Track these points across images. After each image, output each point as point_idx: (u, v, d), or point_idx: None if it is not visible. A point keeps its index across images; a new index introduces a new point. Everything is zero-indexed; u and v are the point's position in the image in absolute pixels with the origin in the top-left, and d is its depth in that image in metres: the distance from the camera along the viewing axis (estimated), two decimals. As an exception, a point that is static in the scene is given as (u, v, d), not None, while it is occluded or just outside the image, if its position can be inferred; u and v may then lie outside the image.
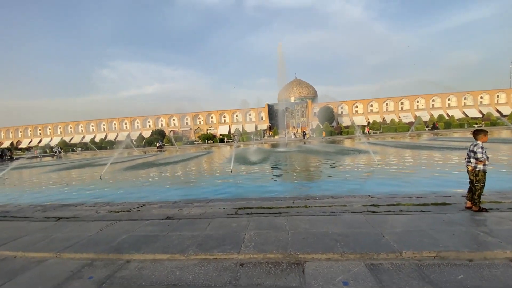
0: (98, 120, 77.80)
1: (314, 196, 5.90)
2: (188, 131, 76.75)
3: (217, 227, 3.80)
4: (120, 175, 13.76)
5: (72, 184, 11.97)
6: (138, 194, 8.73)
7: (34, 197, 9.18)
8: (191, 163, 18.76)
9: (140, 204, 6.34)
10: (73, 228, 4.16)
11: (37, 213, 5.70)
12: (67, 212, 5.72)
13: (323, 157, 16.77)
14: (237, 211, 4.80)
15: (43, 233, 3.97)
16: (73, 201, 7.94)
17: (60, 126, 77.94)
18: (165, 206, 5.94)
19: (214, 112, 77.12)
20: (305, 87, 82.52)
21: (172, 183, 10.53)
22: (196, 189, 8.82)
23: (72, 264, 2.99)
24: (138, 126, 77.64)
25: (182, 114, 77.60)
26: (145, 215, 4.98)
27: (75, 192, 9.82)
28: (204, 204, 5.84)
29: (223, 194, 7.53)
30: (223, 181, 9.94)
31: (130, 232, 3.80)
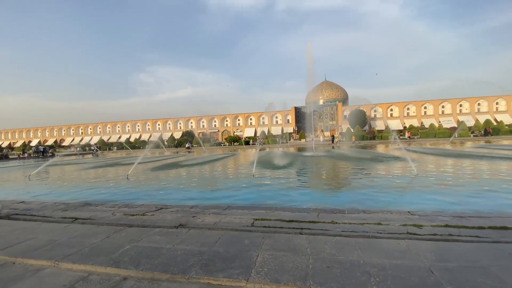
0: (133, 121, 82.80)
1: (342, 209, 5.20)
2: (216, 133, 78.34)
3: (228, 242, 3.35)
4: (147, 175, 14.06)
5: (100, 182, 12.43)
6: (159, 195, 8.67)
7: (62, 193, 9.59)
8: (216, 164, 18.72)
9: (158, 207, 6.15)
10: (82, 232, 4.00)
11: (56, 212, 5.75)
12: (86, 212, 5.69)
13: (354, 163, 15.62)
14: (253, 223, 4.32)
15: (52, 236, 3.84)
16: (97, 200, 8.09)
17: (100, 126, 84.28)
18: (181, 210, 5.66)
19: (240, 115, 77.86)
20: (335, 89, 79.74)
21: (194, 185, 10.39)
22: (216, 193, 8.52)
23: (67, 277, 2.73)
24: (170, 127, 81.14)
25: (210, 117, 79.54)
26: (158, 221, 4.71)
27: (101, 190, 10.11)
28: (220, 211, 5.46)
29: (242, 200, 7.11)
30: (245, 185, 9.53)
31: (135, 241, 3.51)
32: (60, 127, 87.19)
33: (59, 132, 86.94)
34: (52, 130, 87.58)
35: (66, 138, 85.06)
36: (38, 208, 6.46)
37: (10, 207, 6.45)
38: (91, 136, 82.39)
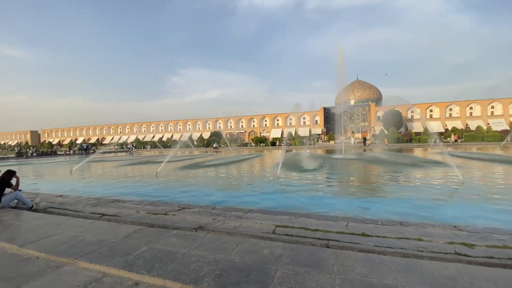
0: (166, 122, 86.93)
1: (375, 219, 4.68)
2: (243, 134, 79.06)
3: (245, 251, 3.11)
4: (174, 173, 14.45)
5: (132, 179, 13.02)
6: (184, 194, 8.75)
7: (97, 188, 10.15)
8: (241, 165, 18.68)
9: (180, 206, 6.13)
10: (105, 229, 4.04)
11: (87, 207, 6.00)
12: (113, 209, 5.85)
13: (388, 168, 14.49)
14: (275, 230, 4.04)
15: (78, 232, 3.93)
16: (126, 196, 8.39)
17: (136, 126, 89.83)
18: (203, 211, 5.57)
19: (267, 116, 77.67)
20: (367, 88, 75.94)
21: (218, 185, 10.37)
22: (239, 194, 8.35)
23: (82, 277, 2.70)
24: (199, 127, 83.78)
25: (238, 117, 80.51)
26: (178, 222, 4.64)
27: (132, 186, 10.52)
28: (242, 214, 5.25)
29: (265, 203, 6.84)
30: (268, 187, 9.24)
31: (152, 243, 3.42)
32: (102, 127, 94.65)
33: (100, 131, 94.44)
34: (94, 129, 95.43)
35: (107, 136, 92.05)
36: (73, 202, 6.83)
37: (48, 200, 6.90)
38: (128, 135, 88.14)
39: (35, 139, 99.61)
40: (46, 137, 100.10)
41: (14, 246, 3.37)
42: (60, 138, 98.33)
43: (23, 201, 5.81)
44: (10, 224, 4.34)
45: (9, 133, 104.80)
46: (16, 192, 5.81)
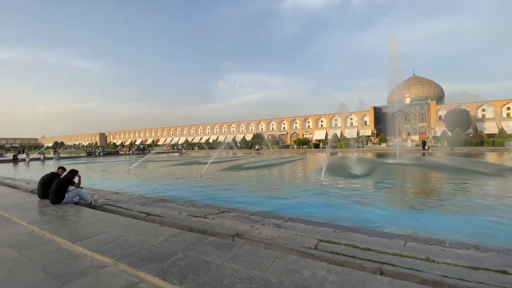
0: (211, 124, 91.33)
1: (441, 240, 3.89)
2: (285, 135, 78.32)
3: (283, 269, 2.79)
4: (217, 174, 14.82)
5: (179, 178, 13.74)
6: (225, 195, 8.80)
7: (148, 187, 10.91)
8: (283, 168, 18.30)
9: (220, 209, 6.11)
10: (147, 231, 4.15)
11: (136, 205, 6.37)
12: (159, 209, 6.09)
13: (455, 176, 12.47)
14: (317, 244, 3.62)
15: (123, 231, 4.11)
16: (172, 196, 8.79)
17: (186, 129, 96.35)
18: (242, 216, 5.42)
19: (311, 117, 75.49)
20: (426, 85, 68.15)
21: (258, 188, 10.20)
22: (279, 200, 8.03)
23: (120, 280, 2.73)
24: (242, 129, 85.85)
25: (280, 119, 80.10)
26: (216, 226, 4.55)
27: (178, 186, 11.05)
28: (281, 222, 4.94)
29: (306, 211, 6.39)
30: (311, 194, 8.71)
31: (188, 249, 3.35)
32: (156, 129, 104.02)
33: (155, 133, 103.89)
34: (150, 131, 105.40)
35: (161, 138, 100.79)
36: (126, 200, 7.37)
37: (106, 197, 7.58)
38: (179, 137, 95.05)
39: (103, 140, 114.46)
40: (112, 139, 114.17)
41: (68, 242, 3.65)
42: (123, 139, 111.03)
43: (84, 198, 6.44)
44: (69, 220, 4.79)
45: (82, 135, 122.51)
46: (78, 189, 6.49)
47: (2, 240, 3.87)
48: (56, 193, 6.03)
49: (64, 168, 6.97)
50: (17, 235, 4.08)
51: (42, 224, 4.48)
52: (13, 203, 6.18)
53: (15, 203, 6.24)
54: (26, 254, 3.31)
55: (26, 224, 4.55)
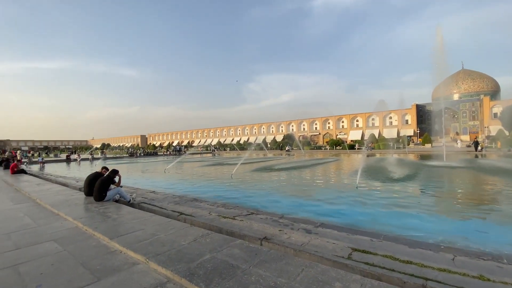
0: (242, 126, 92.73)
1: (498, 255, 3.35)
2: (317, 136, 76.24)
3: (312, 279, 2.61)
4: (247, 175, 14.88)
5: (211, 178, 14.08)
6: (254, 196, 8.77)
7: (182, 186, 11.35)
8: (315, 170, 17.75)
9: (249, 211, 6.07)
10: (178, 230, 4.25)
11: (170, 204, 6.62)
12: (190, 208, 6.25)
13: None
14: (351, 254, 3.35)
15: (155, 230, 4.26)
16: (203, 196, 9.01)
17: (218, 130, 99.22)
18: (270, 219, 5.31)
19: (345, 116, 72.39)
20: (477, 79, 61.19)
21: (289, 190, 9.98)
22: (310, 203, 7.72)
23: (150, 278, 2.79)
24: (272, 130, 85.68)
25: (311, 119, 78.24)
26: (244, 229, 4.50)
27: (210, 186, 11.33)
28: (312, 228, 4.71)
29: (339, 217, 6.03)
30: (345, 198, 8.25)
31: (215, 251, 3.34)
32: (191, 131, 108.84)
33: (191, 135, 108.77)
34: (186, 133, 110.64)
35: (195, 139, 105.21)
36: (161, 198, 7.72)
37: (143, 196, 8.03)
38: (212, 138, 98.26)
39: (144, 141, 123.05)
40: (151, 140, 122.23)
41: (106, 238, 3.89)
42: (161, 140, 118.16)
43: (123, 196, 6.89)
44: (109, 216, 5.13)
45: (126, 137, 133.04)
46: (118, 188, 6.96)
47: (49, 234, 4.26)
48: (99, 191, 6.54)
49: (107, 168, 7.54)
50: (62, 230, 4.47)
51: (85, 220, 4.86)
52: (62, 200, 6.84)
53: (64, 199, 6.90)
54: (69, 249, 3.59)
55: (72, 220, 4.97)
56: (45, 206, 6.42)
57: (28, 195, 7.91)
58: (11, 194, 8.38)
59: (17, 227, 4.74)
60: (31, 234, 4.30)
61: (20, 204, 6.86)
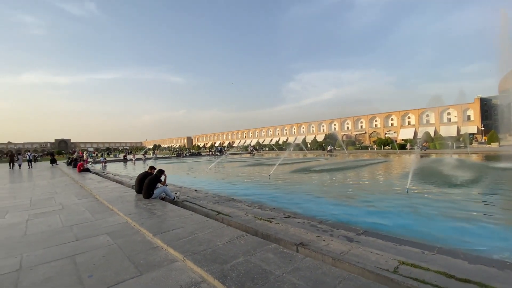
0: (281, 126, 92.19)
1: None
2: (362, 135, 71.75)
3: (350, 293, 2.40)
4: (286, 176, 14.68)
5: (249, 178, 14.24)
6: (292, 198, 8.58)
7: (222, 185, 11.70)
8: (360, 172, 16.68)
9: (286, 214, 5.95)
10: (215, 230, 4.35)
11: (210, 203, 6.85)
12: (228, 208, 6.38)
13: None
14: (397, 267, 3.02)
15: (194, 228, 4.43)
16: (241, 196, 9.15)
17: (257, 131, 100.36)
18: (308, 224, 5.13)
19: (394, 113, 66.70)
20: None
21: (330, 193, 9.53)
22: (353, 208, 7.24)
23: (186, 277, 2.90)
24: (313, 130, 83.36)
25: (356, 117, 73.94)
26: (280, 232, 4.40)
27: (248, 186, 11.46)
28: (353, 235, 4.40)
29: (385, 224, 5.51)
30: (393, 204, 7.54)
31: (249, 254, 3.32)
32: (232, 132, 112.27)
33: (231, 136, 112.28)
34: (227, 134, 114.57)
35: (235, 140, 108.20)
36: (202, 197, 8.07)
37: (186, 194, 8.48)
38: (251, 139, 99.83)
39: (189, 142, 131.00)
40: (196, 141, 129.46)
41: (150, 234, 4.17)
42: (205, 141, 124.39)
43: (168, 194, 7.36)
44: (154, 213, 5.52)
45: (174, 139, 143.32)
46: (164, 186, 7.46)
47: (104, 228, 4.75)
48: (147, 189, 7.10)
49: (154, 168, 8.15)
50: (114, 225, 4.94)
51: (134, 216, 5.30)
52: (117, 196, 7.60)
53: (118, 196, 7.67)
54: (118, 242, 3.95)
55: (123, 215, 5.48)
56: (102, 201, 7.22)
57: (90, 191, 9.01)
58: (76, 190, 9.64)
59: (78, 220, 5.40)
60: (89, 227, 4.85)
61: (83, 199, 7.83)
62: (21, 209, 6.68)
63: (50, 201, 7.74)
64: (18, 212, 6.35)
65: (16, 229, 4.95)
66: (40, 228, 4.95)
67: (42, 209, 6.59)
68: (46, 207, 6.88)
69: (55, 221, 5.36)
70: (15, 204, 7.43)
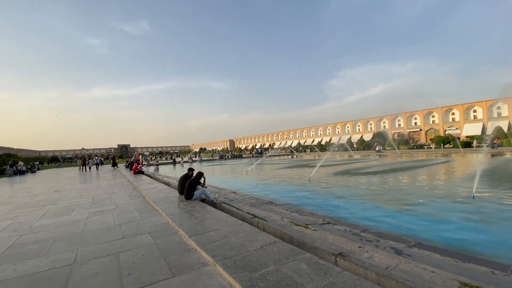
0: (324, 126, 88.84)
1: None
2: (417, 133, 64.82)
3: (396, 320, 2.04)
4: (328, 179, 13.95)
5: (289, 181, 13.89)
6: (333, 203, 8.06)
7: (261, 188, 11.65)
8: (415, 173, 14.97)
9: (325, 220, 5.59)
10: (247, 234, 4.27)
11: (246, 206, 6.83)
12: (264, 212, 6.26)
13: None
14: (459, 291, 2.51)
15: (227, 231, 4.42)
16: (279, 199, 8.96)
17: (298, 132, 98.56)
18: (349, 232, 4.72)
19: (456, 107, 58.75)
20: None
21: (378, 198, 8.68)
22: (404, 216, 6.43)
23: (215, 283, 2.85)
24: (359, 129, 78.42)
25: (409, 113, 67.20)
26: (317, 240, 4.11)
27: (287, 189, 11.17)
28: (403, 247, 3.89)
29: (443, 236, 4.73)
30: (454, 211, 6.50)
31: (280, 263, 3.13)
32: (272, 134, 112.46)
33: (272, 137, 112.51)
34: (268, 136, 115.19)
35: (276, 142, 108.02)
36: (240, 199, 8.12)
37: (225, 196, 8.64)
38: (292, 140, 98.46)
39: (232, 145, 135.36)
40: (238, 144, 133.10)
41: (186, 236, 4.28)
42: (246, 144, 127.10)
43: (207, 196, 7.58)
44: (193, 215, 5.70)
45: (218, 142, 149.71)
46: (203, 188, 7.70)
47: (147, 227, 5.06)
48: (188, 191, 7.42)
49: (192, 169, 8.49)
50: (157, 224, 5.24)
51: (174, 217, 5.55)
52: (162, 197, 8.11)
53: (163, 197, 8.18)
54: (158, 242, 4.14)
55: (165, 216, 5.78)
56: (149, 202, 7.78)
57: (140, 192, 9.82)
58: (130, 191, 10.61)
59: (127, 219, 5.88)
60: (135, 226, 5.23)
61: (134, 199, 8.56)
62: (84, 207, 7.59)
63: (107, 200, 8.65)
64: (82, 210, 7.22)
65: (77, 225, 5.60)
66: (96, 225, 5.52)
67: (100, 208, 7.38)
68: (104, 206, 7.70)
69: (109, 219, 5.93)
70: (80, 202, 8.49)
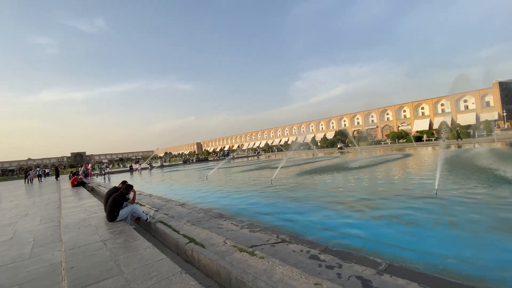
0: (290, 126, 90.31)
1: None
2: (374, 130, 68.92)
3: None
4: (290, 181, 13.06)
5: (248, 186, 12.63)
6: (293, 209, 7.06)
7: (214, 196, 10.27)
8: (376, 170, 14.86)
9: (279, 237, 4.49)
10: (162, 278, 2.94)
11: (187, 224, 5.45)
12: (206, 231, 4.98)
13: None
14: None
15: (133, 276, 3.05)
16: (235, 207, 7.75)
17: (266, 132, 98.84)
18: (306, 253, 3.69)
19: (407, 105, 63.68)
20: None
21: (340, 201, 7.87)
22: (369, 221, 5.63)
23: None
24: (322, 128, 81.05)
25: (366, 112, 71.22)
26: (262, 276, 2.95)
27: (245, 195, 9.93)
28: (372, 274, 3.03)
29: (415, 251, 3.91)
30: (418, 213, 5.88)
31: None
32: (241, 135, 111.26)
33: (240, 139, 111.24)
34: (236, 137, 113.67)
35: (245, 143, 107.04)
36: (185, 213, 6.69)
37: (169, 210, 7.11)
38: (260, 141, 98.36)
39: (199, 148, 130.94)
40: (206, 146, 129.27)
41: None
42: (214, 146, 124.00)
43: (139, 214, 6.04)
44: (102, 247, 4.15)
45: (184, 145, 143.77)
46: (133, 205, 6.13)
47: (25, 274, 3.48)
48: (110, 211, 5.79)
49: (126, 182, 6.85)
50: (42, 267, 3.72)
51: (73, 253, 3.88)
52: (80, 220, 6.26)
53: (81, 219, 6.36)
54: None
55: (63, 251, 4.16)
56: (59, 227, 5.96)
57: (59, 213, 7.81)
58: (49, 211, 8.49)
59: (10, 257, 4.24)
60: (11, 271, 3.58)
61: (45, 224, 6.65)
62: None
63: (8, 227, 6.59)
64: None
65: None
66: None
67: (-12, 240, 5.39)
68: (-3, 236, 5.69)
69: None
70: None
